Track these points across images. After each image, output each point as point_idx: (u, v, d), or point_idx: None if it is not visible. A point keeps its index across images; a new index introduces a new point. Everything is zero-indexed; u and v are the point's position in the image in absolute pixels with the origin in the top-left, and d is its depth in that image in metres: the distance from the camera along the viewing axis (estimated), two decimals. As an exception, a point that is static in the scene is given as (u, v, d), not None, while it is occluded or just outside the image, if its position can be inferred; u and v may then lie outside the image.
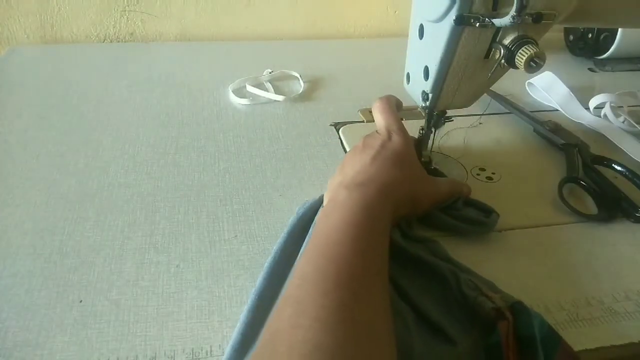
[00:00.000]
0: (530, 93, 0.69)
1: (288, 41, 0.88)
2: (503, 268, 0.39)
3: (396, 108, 0.46)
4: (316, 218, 0.38)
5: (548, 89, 0.67)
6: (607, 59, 0.78)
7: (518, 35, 0.35)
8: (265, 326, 0.29)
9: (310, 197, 0.43)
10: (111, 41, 0.83)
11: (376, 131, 0.44)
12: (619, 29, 0.74)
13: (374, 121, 0.60)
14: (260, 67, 0.72)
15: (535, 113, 0.61)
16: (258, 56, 0.78)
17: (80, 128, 0.57)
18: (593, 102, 0.63)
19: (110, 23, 0.81)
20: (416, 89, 0.44)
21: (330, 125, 0.60)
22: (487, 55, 0.38)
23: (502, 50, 0.36)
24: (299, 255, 0.35)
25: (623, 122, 0.59)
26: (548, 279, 0.39)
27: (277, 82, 0.70)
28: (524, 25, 0.34)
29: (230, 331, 0.33)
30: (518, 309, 0.32)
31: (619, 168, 0.50)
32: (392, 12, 0.91)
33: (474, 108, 0.51)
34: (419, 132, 0.49)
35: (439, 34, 0.37)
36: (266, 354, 0.26)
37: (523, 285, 0.38)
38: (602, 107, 0.62)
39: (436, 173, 0.49)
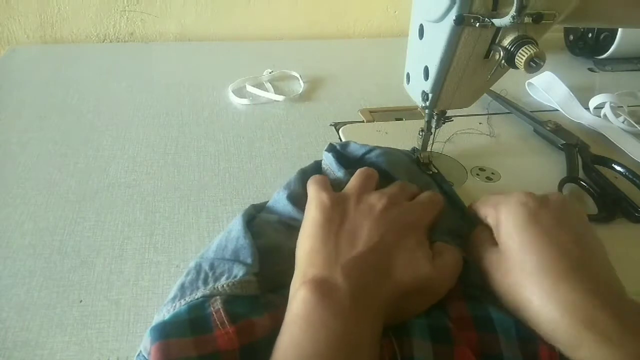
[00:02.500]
0: (530, 93, 0.69)
1: (288, 41, 0.88)
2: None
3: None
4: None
5: (548, 89, 0.67)
6: (607, 59, 0.78)
7: (518, 35, 0.35)
8: None
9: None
10: (111, 41, 0.83)
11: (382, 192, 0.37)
12: (619, 29, 0.74)
13: (374, 121, 0.61)
14: (260, 67, 0.72)
15: (535, 113, 0.61)
16: (258, 56, 0.78)
17: (80, 128, 0.57)
18: (593, 102, 0.63)
19: (110, 23, 0.81)
20: (416, 89, 0.44)
21: (330, 125, 0.60)
22: (487, 55, 0.38)
23: (502, 51, 0.36)
24: None
25: (623, 122, 0.59)
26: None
27: (277, 82, 0.70)
28: (524, 25, 0.34)
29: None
30: None
31: (619, 168, 0.50)
32: (392, 12, 0.91)
33: (474, 108, 0.51)
34: (419, 133, 0.49)
35: (439, 34, 0.37)
36: None
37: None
38: (602, 107, 0.62)
39: (437, 177, 0.49)
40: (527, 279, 0.30)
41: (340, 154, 0.44)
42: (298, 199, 0.38)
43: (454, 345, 0.29)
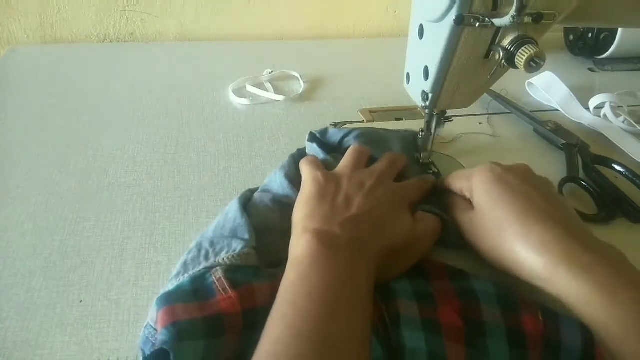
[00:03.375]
0: (530, 93, 0.69)
1: (288, 41, 0.88)
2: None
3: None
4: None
5: (548, 88, 0.67)
6: (607, 58, 0.78)
7: (518, 35, 0.35)
8: None
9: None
10: (111, 41, 0.83)
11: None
12: (619, 29, 0.74)
13: (374, 121, 0.61)
14: (260, 67, 0.72)
15: (535, 113, 0.61)
16: (258, 56, 0.78)
17: (80, 128, 0.57)
18: (593, 102, 0.63)
19: (110, 23, 0.81)
20: (416, 89, 0.44)
21: (330, 125, 0.59)
22: (487, 55, 0.38)
23: (502, 51, 0.36)
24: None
25: (623, 122, 0.59)
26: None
27: (277, 82, 0.70)
28: (524, 25, 0.34)
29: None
30: None
31: (619, 168, 0.50)
32: (392, 12, 0.91)
33: (474, 108, 0.51)
34: (419, 133, 0.49)
35: (439, 34, 0.37)
36: None
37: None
38: (602, 107, 0.62)
39: (436, 177, 0.49)
40: (503, 230, 0.33)
41: (322, 142, 0.46)
42: (293, 178, 0.41)
43: (437, 305, 0.31)
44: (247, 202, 0.38)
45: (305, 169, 0.40)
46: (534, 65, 0.34)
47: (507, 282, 0.34)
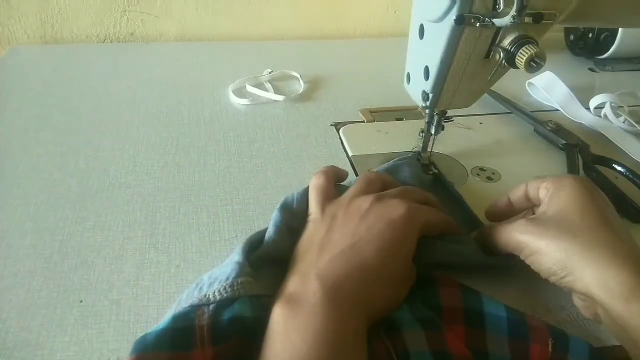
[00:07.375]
0: (531, 93, 0.69)
1: (288, 41, 0.88)
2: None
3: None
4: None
5: (548, 88, 0.67)
6: (608, 58, 0.78)
7: (518, 35, 0.35)
8: None
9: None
10: (111, 41, 0.83)
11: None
12: (619, 29, 0.74)
13: (374, 121, 0.61)
14: (260, 67, 0.72)
15: (536, 113, 0.61)
16: (258, 56, 0.78)
17: (80, 128, 0.57)
18: (593, 102, 0.63)
19: (110, 23, 0.81)
20: (416, 89, 0.44)
21: (331, 125, 0.59)
22: (487, 55, 0.38)
23: (502, 52, 0.36)
24: None
25: (623, 122, 0.59)
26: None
27: (277, 82, 0.70)
28: (524, 25, 0.34)
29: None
30: None
31: (619, 168, 0.50)
32: (392, 12, 0.91)
33: (475, 108, 0.51)
34: (419, 134, 0.49)
35: (439, 34, 0.37)
36: None
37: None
38: (603, 107, 0.62)
39: (436, 177, 0.49)
40: (588, 234, 0.31)
41: None
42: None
43: (443, 330, 0.30)
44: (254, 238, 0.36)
45: (310, 199, 0.38)
46: (535, 65, 0.34)
47: (523, 303, 0.34)
